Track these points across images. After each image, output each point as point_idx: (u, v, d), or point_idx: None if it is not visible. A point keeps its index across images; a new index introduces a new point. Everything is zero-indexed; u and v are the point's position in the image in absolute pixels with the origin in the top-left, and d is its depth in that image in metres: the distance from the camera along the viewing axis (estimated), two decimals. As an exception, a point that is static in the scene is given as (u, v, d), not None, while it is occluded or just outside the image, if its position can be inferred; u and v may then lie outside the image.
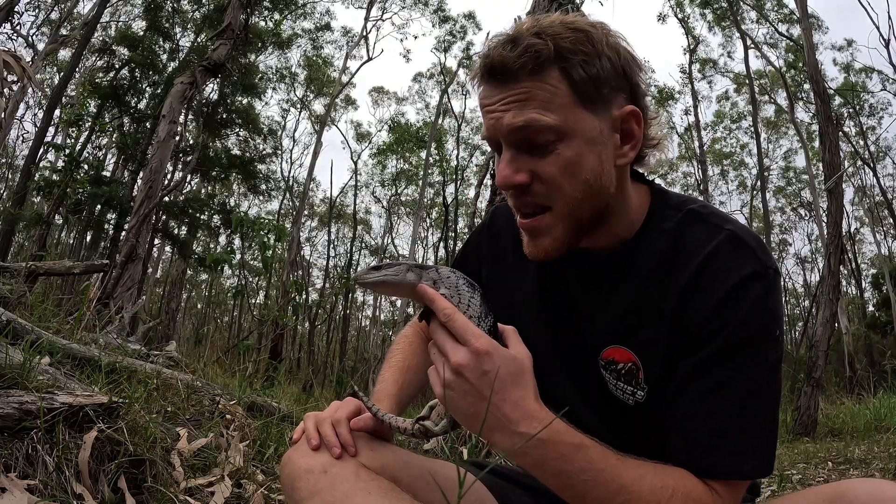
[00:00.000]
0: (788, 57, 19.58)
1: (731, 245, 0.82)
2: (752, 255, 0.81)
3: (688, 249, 0.84)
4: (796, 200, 27.50)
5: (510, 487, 0.99)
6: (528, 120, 0.79)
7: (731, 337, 0.78)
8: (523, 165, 0.82)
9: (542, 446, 0.73)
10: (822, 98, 8.83)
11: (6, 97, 4.84)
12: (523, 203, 0.85)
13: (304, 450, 0.87)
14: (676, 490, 0.76)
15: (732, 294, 0.79)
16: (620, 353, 0.88)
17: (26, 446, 1.35)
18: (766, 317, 0.79)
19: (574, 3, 4.91)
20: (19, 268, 3.87)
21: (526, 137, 0.81)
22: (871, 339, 20.72)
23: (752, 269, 0.80)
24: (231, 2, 10.44)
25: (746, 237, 0.83)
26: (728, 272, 0.80)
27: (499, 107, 0.82)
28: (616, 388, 0.90)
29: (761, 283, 0.79)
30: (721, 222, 0.85)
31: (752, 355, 0.79)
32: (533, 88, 0.79)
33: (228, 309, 29.09)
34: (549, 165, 0.81)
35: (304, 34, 21.81)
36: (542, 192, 0.83)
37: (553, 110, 0.79)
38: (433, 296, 0.78)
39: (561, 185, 0.82)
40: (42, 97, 17.38)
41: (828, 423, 7.56)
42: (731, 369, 0.78)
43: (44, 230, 12.35)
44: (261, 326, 13.29)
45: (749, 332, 0.79)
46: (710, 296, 0.80)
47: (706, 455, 0.78)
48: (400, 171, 27.69)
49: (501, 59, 0.80)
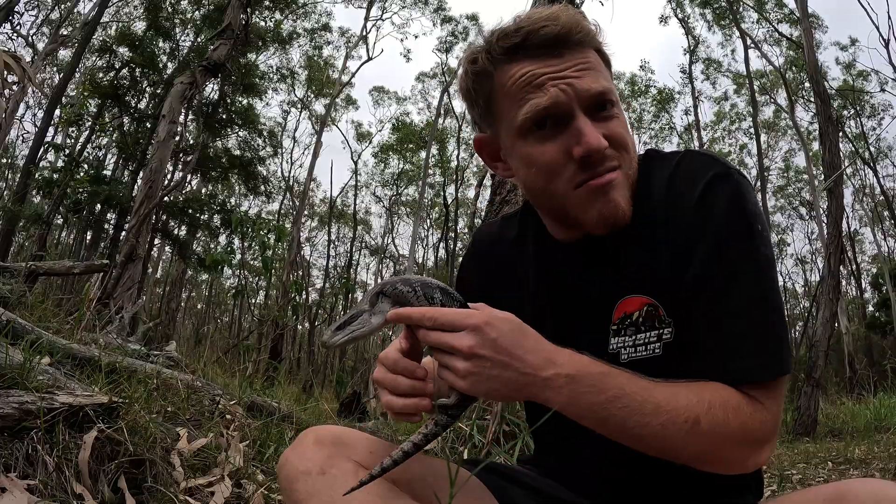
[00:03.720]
0: (788, 55, 19.59)
1: (690, 156, 0.89)
2: (712, 160, 0.86)
3: (657, 179, 0.89)
4: (796, 200, 27.51)
5: (510, 486, 0.99)
6: (604, 85, 0.85)
7: (716, 239, 0.81)
8: (598, 131, 0.84)
9: (573, 381, 0.74)
10: (822, 98, 8.83)
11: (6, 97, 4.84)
12: (597, 169, 0.85)
13: (302, 450, 0.86)
14: (713, 401, 0.75)
15: (705, 195, 0.82)
16: (632, 303, 0.88)
17: (26, 446, 1.35)
18: (744, 212, 0.81)
19: (574, 4, 4.91)
20: (19, 268, 3.87)
21: (601, 102, 0.85)
22: (871, 339, 20.74)
23: (716, 170, 0.84)
24: (231, 2, 10.45)
25: (701, 151, 0.90)
26: (696, 175, 0.84)
27: (571, 73, 0.84)
28: (636, 345, 0.87)
29: (728, 182, 0.83)
30: (675, 152, 0.92)
31: (742, 253, 0.80)
32: (592, 58, 0.86)
33: (228, 309, 29.11)
34: (618, 127, 0.86)
35: (304, 34, 21.84)
36: (612, 154, 0.85)
37: (607, 80, 0.87)
38: (406, 313, 0.79)
39: (628, 145, 0.87)
40: (42, 97, 17.40)
41: (828, 423, 7.56)
42: (728, 271, 0.80)
43: (44, 230, 12.36)
44: (261, 326, 13.30)
45: (732, 229, 0.81)
46: (686, 202, 0.83)
47: (730, 361, 0.78)
48: (401, 172, 27.70)
49: (564, 30, 0.84)
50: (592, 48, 0.87)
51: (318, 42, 23.01)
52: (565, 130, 0.84)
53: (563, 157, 0.85)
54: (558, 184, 0.86)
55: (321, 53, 23.64)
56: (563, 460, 1.02)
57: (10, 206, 10.94)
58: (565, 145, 0.84)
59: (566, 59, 0.84)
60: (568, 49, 0.84)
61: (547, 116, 0.84)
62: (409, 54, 30.38)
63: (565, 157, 0.85)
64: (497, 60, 0.87)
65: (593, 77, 0.84)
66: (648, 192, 0.89)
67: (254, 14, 12.74)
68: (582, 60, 0.85)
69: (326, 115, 22.85)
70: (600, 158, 0.84)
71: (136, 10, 17.01)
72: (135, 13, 17.30)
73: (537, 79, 0.83)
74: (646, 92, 25.36)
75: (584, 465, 0.97)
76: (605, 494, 0.95)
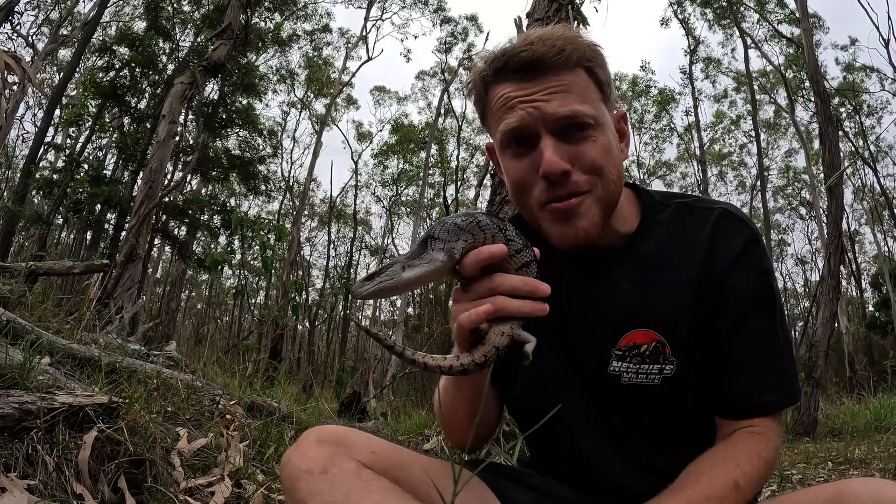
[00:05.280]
0: (788, 53, 19.59)
1: (728, 219, 0.94)
2: (746, 225, 0.94)
3: (693, 231, 0.94)
4: (796, 200, 27.51)
5: (512, 486, 0.99)
6: (574, 108, 0.86)
7: (753, 292, 0.90)
8: (565, 153, 0.86)
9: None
10: (822, 98, 8.83)
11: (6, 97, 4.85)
12: (559, 192, 0.87)
13: (304, 450, 0.87)
14: (746, 442, 0.87)
15: (743, 256, 0.91)
16: (643, 336, 0.92)
17: (26, 446, 1.35)
18: (771, 271, 0.93)
19: (574, 4, 4.91)
20: (19, 268, 3.87)
21: (570, 125, 0.87)
22: (871, 339, 20.73)
23: (750, 235, 0.93)
24: (231, 2, 10.44)
25: (735, 211, 0.96)
26: (734, 238, 0.92)
27: (540, 96, 0.87)
28: (638, 373, 0.93)
29: (759, 244, 0.93)
30: (709, 205, 0.97)
31: (771, 305, 0.92)
32: (570, 81, 0.88)
33: (228, 309, 29.09)
34: (591, 151, 0.87)
35: (304, 36, 21.84)
36: (581, 179, 0.87)
37: (588, 102, 0.88)
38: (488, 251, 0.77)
39: (602, 168, 0.88)
40: (42, 97, 17.40)
41: (828, 423, 7.56)
42: (763, 318, 0.91)
43: (44, 230, 12.36)
44: (261, 326, 13.29)
45: (764, 285, 0.91)
46: (725, 261, 0.91)
47: (758, 395, 0.89)
48: (401, 172, 27.69)
49: (537, 55, 0.86)
50: (581, 68, 0.89)
51: (317, 43, 23.03)
52: (534, 150, 0.88)
53: (530, 175, 0.89)
54: (528, 199, 0.91)
55: (321, 54, 23.67)
56: (560, 462, 1.02)
57: (10, 205, 10.93)
58: (532, 164, 0.88)
59: (538, 84, 0.87)
60: (542, 73, 0.87)
61: (515, 137, 0.89)
62: (409, 54, 30.40)
63: (533, 174, 0.89)
64: (487, 82, 0.93)
65: (562, 100, 0.86)
66: (684, 237, 0.94)
67: (254, 14, 12.74)
68: (554, 85, 0.87)
69: (326, 114, 22.84)
70: (563, 181, 0.87)
71: (136, 10, 17.02)
72: (135, 13, 17.31)
73: (510, 101, 0.89)
74: (646, 92, 25.37)
75: (583, 466, 0.97)
76: (606, 493, 0.95)
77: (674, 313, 0.91)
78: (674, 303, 0.91)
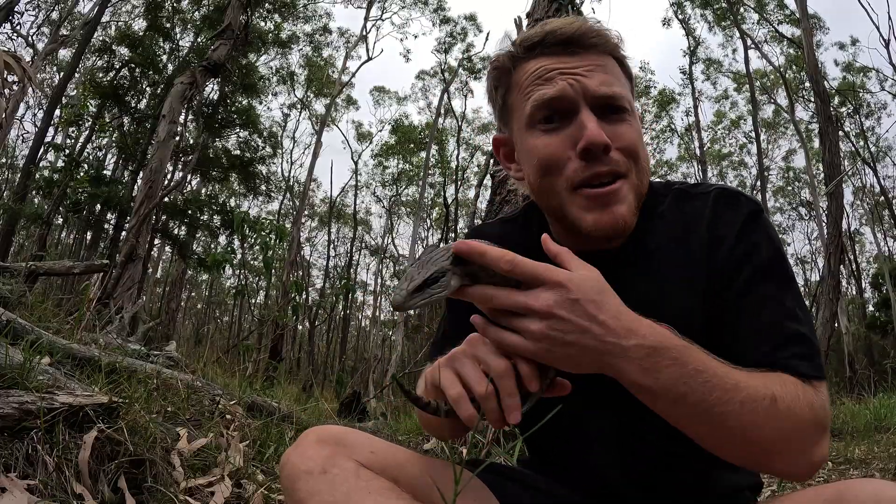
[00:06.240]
0: (789, 53, 19.60)
1: (725, 198, 0.90)
2: (744, 200, 0.90)
3: (693, 218, 0.90)
4: (796, 200, 27.51)
5: (510, 485, 0.99)
6: (615, 90, 0.85)
7: (761, 258, 0.84)
8: (605, 130, 0.84)
9: (655, 353, 0.69)
10: (822, 98, 8.84)
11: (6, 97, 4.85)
12: (598, 168, 0.84)
13: (303, 450, 0.86)
14: (784, 378, 0.75)
15: (746, 227, 0.86)
16: None
17: (26, 446, 1.35)
18: (774, 239, 0.87)
19: (574, 4, 4.90)
20: (19, 268, 3.87)
21: (609, 105, 0.85)
22: (871, 339, 20.73)
23: (750, 208, 0.88)
24: (231, 2, 10.45)
25: (730, 188, 0.93)
26: (735, 213, 0.88)
27: (582, 71, 0.85)
28: None
29: (760, 217, 0.88)
30: (705, 188, 0.93)
31: (782, 271, 0.85)
32: (607, 64, 0.88)
33: (228, 309, 29.08)
34: (628, 132, 0.86)
35: (304, 37, 21.84)
36: (619, 159, 0.85)
37: (622, 87, 0.87)
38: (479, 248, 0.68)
39: (638, 154, 0.86)
40: (42, 97, 17.39)
41: (828, 423, 7.54)
42: (775, 285, 0.83)
43: (44, 230, 12.36)
44: (261, 326, 13.28)
45: (771, 251, 0.85)
46: (729, 236, 0.86)
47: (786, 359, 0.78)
48: (401, 172, 27.69)
49: (580, 31, 0.86)
50: (612, 56, 0.89)
51: (317, 43, 23.03)
52: (570, 125, 0.85)
53: (565, 151, 0.85)
54: (557, 181, 0.87)
55: (321, 54, 23.67)
56: (561, 463, 1.02)
57: (10, 205, 10.93)
58: (568, 138, 0.85)
59: (580, 58, 0.86)
60: (583, 49, 0.87)
61: (553, 108, 0.86)
62: (408, 54, 30.35)
63: (568, 150, 0.85)
64: (517, 59, 0.90)
65: (604, 79, 0.85)
66: (686, 225, 0.90)
67: (254, 15, 12.74)
68: (596, 62, 0.86)
69: (326, 115, 22.83)
70: (600, 157, 0.83)
71: (136, 10, 17.02)
72: (135, 13, 17.32)
73: (548, 72, 0.86)
74: (646, 92, 25.39)
75: (583, 467, 0.97)
76: (606, 494, 0.95)
77: (689, 305, 0.86)
78: (687, 295, 0.86)
